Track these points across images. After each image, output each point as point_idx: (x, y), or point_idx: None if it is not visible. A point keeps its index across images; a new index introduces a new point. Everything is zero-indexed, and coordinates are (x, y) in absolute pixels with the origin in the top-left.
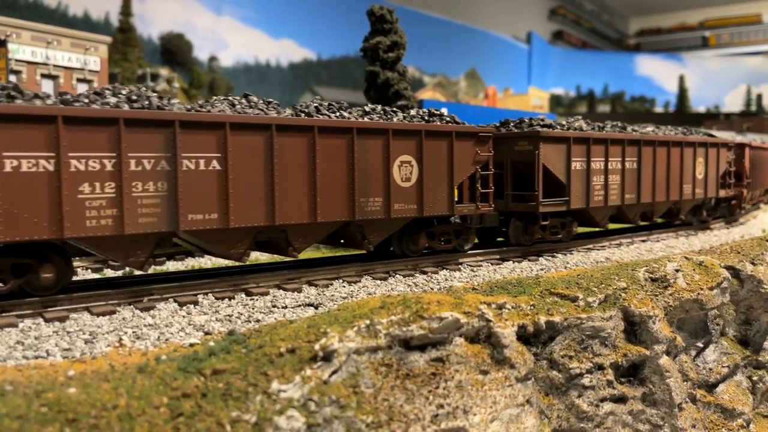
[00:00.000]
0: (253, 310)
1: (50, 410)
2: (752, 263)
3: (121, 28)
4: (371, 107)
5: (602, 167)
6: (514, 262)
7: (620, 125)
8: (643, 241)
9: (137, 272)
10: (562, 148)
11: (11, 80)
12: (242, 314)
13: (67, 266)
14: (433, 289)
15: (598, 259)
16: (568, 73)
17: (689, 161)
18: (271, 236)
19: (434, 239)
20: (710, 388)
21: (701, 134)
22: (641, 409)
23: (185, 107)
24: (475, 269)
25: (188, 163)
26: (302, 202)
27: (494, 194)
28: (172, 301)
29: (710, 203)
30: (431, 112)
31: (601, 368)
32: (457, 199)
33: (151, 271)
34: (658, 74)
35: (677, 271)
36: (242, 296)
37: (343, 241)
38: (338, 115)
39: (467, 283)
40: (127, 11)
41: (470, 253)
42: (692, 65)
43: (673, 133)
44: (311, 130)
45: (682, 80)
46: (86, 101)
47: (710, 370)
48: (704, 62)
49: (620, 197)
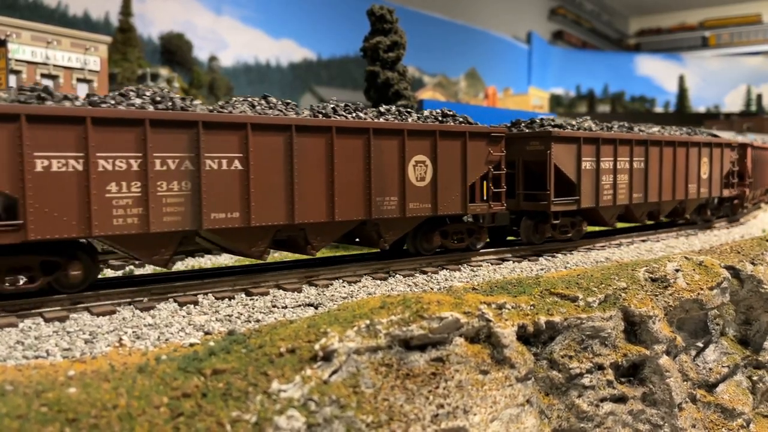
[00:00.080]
0: (253, 310)
1: (50, 410)
2: (752, 263)
3: (121, 28)
4: (386, 108)
5: (611, 167)
6: (514, 262)
7: (627, 125)
8: (643, 241)
9: (137, 272)
10: (572, 148)
11: (10, 81)
12: (242, 314)
13: (93, 264)
14: (433, 289)
15: (598, 259)
16: (568, 73)
17: (694, 161)
18: (290, 235)
19: (447, 238)
20: (710, 388)
21: (705, 134)
22: (641, 409)
23: (207, 108)
24: (475, 269)
25: (211, 162)
26: (320, 201)
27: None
28: (172, 301)
29: (714, 202)
30: (444, 112)
31: (601, 368)
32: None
33: (150, 270)
34: (658, 74)
35: (677, 271)
36: (242, 296)
37: (358, 239)
38: (354, 115)
39: (467, 283)
40: (127, 11)
41: (482, 251)
42: (692, 65)
43: (678, 133)
44: (329, 130)
45: (682, 80)
46: (113, 102)
47: (710, 370)
48: (704, 62)
49: (628, 196)
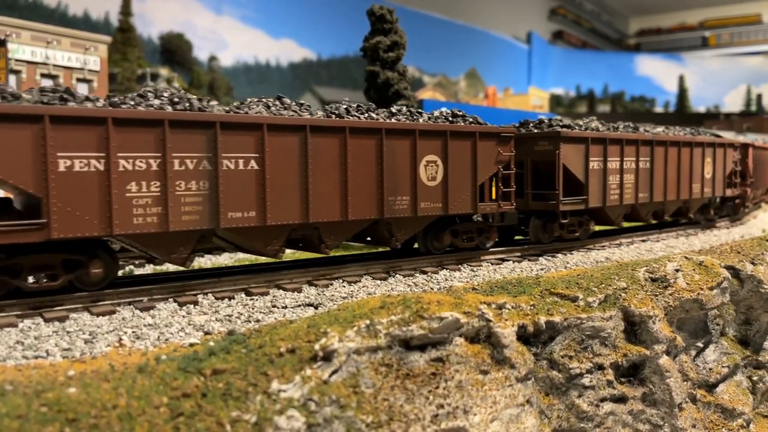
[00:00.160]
0: (253, 310)
1: (50, 410)
2: (752, 263)
3: (120, 27)
4: (397, 108)
5: (618, 167)
6: (513, 262)
7: (632, 125)
8: (643, 241)
9: (137, 272)
10: (580, 148)
11: (10, 81)
12: (242, 314)
13: (113, 262)
14: (433, 288)
15: (598, 259)
16: (568, 73)
17: (698, 161)
18: (304, 233)
19: (458, 237)
20: (710, 388)
21: (708, 134)
22: (641, 409)
23: (224, 109)
24: (475, 269)
25: (228, 162)
26: (334, 200)
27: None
28: (171, 301)
29: (716, 202)
30: (454, 113)
31: (601, 368)
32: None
33: (150, 270)
34: (658, 74)
35: (677, 271)
36: (242, 296)
37: (370, 238)
38: (367, 116)
39: (467, 283)
40: (126, 11)
41: (492, 250)
42: (692, 65)
43: (682, 133)
44: (343, 131)
45: (682, 80)
46: (132, 103)
47: (710, 370)
48: (704, 62)
49: (634, 196)
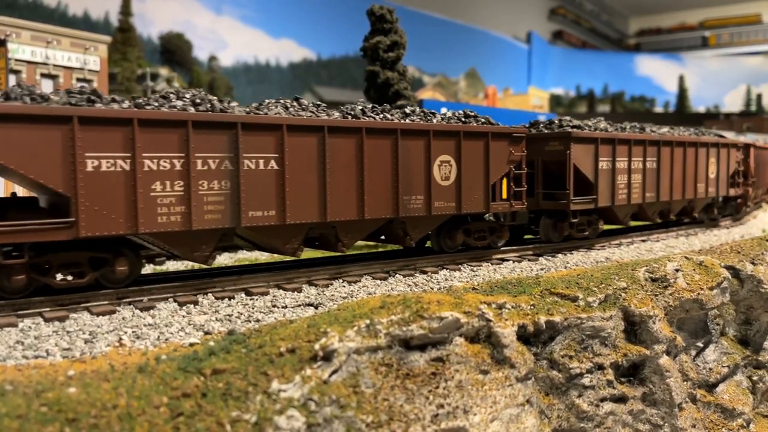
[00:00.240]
0: (253, 309)
1: (50, 410)
2: (752, 263)
3: (120, 27)
4: (411, 109)
5: (626, 167)
6: (514, 262)
7: (639, 126)
8: (643, 240)
9: None
10: (590, 148)
11: (10, 81)
12: (242, 314)
13: (137, 260)
14: (433, 288)
15: (598, 258)
16: (567, 73)
17: (703, 161)
18: (322, 232)
19: (470, 236)
20: (710, 388)
21: (711, 135)
22: (641, 409)
23: (244, 110)
24: (475, 269)
25: (249, 162)
26: (351, 199)
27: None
28: (171, 300)
29: (719, 202)
30: (467, 113)
31: (601, 368)
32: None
33: (150, 270)
34: (658, 74)
35: (677, 271)
36: (242, 296)
37: (384, 237)
38: (382, 117)
39: (467, 282)
40: (126, 11)
41: (504, 249)
42: (692, 65)
43: (687, 133)
44: (359, 131)
45: (682, 80)
46: (156, 105)
47: (710, 370)
48: (704, 62)
49: (642, 196)
